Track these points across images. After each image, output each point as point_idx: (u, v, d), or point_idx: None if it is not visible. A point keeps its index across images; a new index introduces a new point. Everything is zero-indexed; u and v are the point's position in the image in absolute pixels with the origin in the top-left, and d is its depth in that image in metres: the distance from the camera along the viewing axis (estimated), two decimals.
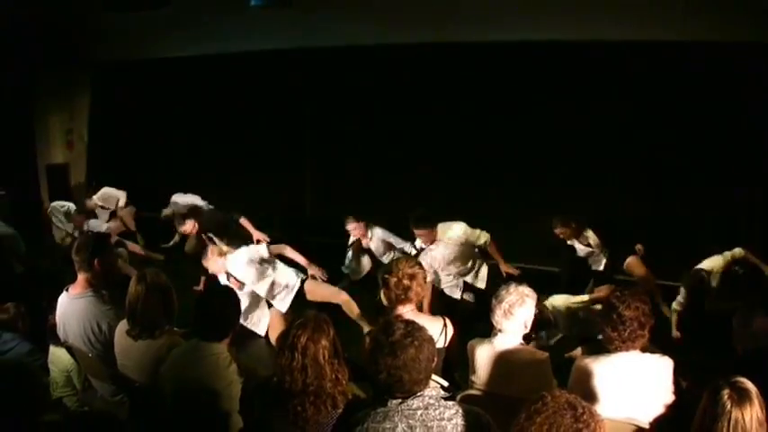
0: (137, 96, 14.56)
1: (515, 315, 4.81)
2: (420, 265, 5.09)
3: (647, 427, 4.39)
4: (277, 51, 12.71)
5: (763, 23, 8.63)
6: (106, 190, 12.51)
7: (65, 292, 5.69)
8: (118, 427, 5.31)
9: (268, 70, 13.11)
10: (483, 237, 8.69)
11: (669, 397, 4.46)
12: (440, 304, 8.37)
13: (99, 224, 11.04)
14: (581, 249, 9.02)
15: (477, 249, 8.82)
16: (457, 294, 8.97)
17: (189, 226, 9.75)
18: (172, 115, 13.68)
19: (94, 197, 12.26)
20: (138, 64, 14.50)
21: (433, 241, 8.56)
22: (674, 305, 8.37)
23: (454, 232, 8.62)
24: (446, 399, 3.61)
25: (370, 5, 11.41)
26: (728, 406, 3.37)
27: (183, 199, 11.21)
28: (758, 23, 8.70)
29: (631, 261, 8.91)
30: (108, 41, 14.38)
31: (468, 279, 8.94)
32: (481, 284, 8.94)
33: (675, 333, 8.31)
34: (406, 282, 4.94)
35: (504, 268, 8.74)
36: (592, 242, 8.94)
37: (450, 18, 10.86)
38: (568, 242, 8.98)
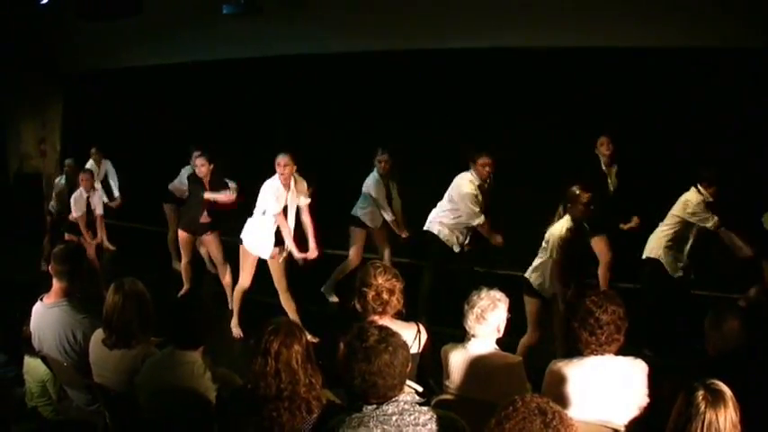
0: (109, 105, 14.52)
1: (488, 320, 4.83)
2: (398, 275, 5.06)
3: (621, 429, 4.42)
4: (249, 60, 12.72)
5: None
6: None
7: (39, 301, 5.65)
8: None
9: (240, 78, 13.11)
10: None
11: (643, 399, 4.48)
12: None
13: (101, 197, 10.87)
14: None
15: None
16: None
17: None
18: (144, 124, 13.65)
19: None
20: (110, 73, 14.47)
21: None
22: None
23: None
24: (421, 404, 3.62)
25: (341, 14, 11.47)
26: (703, 407, 3.37)
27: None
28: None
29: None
30: (80, 50, 14.35)
31: None
32: None
33: None
34: (385, 296, 4.91)
35: None
36: None
37: (416, 25, 10.97)
38: None
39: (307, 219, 8.82)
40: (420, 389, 4.66)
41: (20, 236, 12.82)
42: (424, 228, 9.14)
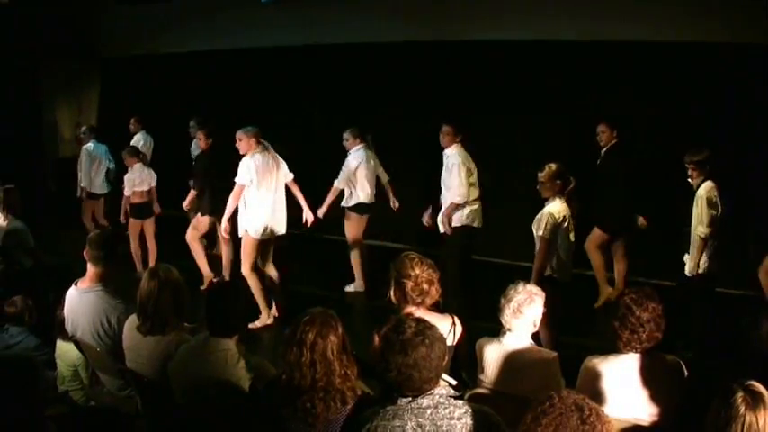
0: (146, 91, 14.57)
1: (524, 314, 4.82)
2: (433, 266, 5.02)
3: (656, 427, 4.39)
4: (287, 48, 12.73)
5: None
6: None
7: (73, 285, 5.68)
8: (124, 421, 5.36)
9: (277, 66, 13.12)
10: None
11: (679, 397, 4.46)
12: None
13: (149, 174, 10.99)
14: None
15: None
16: None
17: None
18: (181, 110, 13.68)
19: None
20: (147, 59, 14.53)
21: None
22: None
23: None
24: (455, 398, 3.60)
25: (380, 3, 11.45)
26: (742, 409, 3.32)
27: None
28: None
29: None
30: (118, 36, 14.42)
31: None
32: None
33: None
34: (425, 286, 4.90)
35: None
36: None
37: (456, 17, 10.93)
38: None
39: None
40: (454, 382, 4.66)
41: (55, 221, 12.91)
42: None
